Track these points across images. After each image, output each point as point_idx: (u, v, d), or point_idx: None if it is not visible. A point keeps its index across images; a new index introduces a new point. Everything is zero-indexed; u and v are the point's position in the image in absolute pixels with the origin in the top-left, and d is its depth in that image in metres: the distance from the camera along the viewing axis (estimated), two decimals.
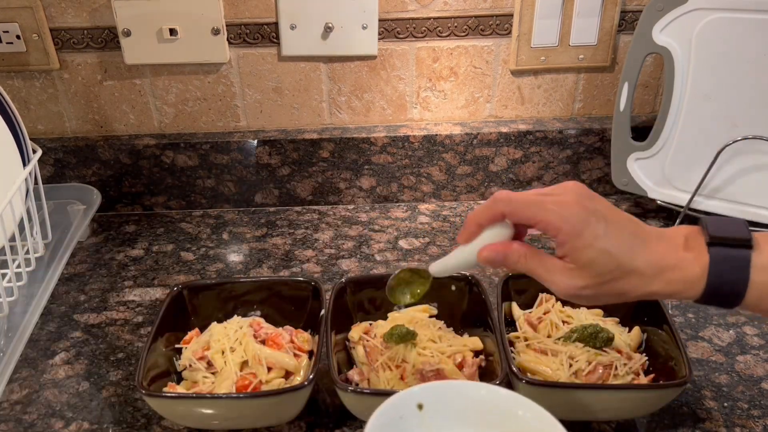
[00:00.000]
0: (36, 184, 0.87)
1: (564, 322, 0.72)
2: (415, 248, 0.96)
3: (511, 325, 0.75)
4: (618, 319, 0.75)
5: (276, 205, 1.07)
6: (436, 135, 1.02)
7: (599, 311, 0.75)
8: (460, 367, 0.67)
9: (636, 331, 0.72)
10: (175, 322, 0.73)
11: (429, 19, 0.97)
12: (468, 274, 0.76)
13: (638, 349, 0.71)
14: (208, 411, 0.63)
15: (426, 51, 1.00)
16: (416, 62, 1.00)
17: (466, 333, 0.74)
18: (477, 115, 1.06)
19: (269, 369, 0.67)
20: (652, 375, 0.67)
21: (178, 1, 0.93)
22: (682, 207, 0.96)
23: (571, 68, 1.03)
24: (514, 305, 0.76)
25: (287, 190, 1.06)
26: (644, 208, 1.04)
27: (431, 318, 0.75)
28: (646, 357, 0.69)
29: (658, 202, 0.98)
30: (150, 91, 1.01)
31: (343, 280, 0.75)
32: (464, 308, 0.76)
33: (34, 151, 0.87)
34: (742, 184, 0.92)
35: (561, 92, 1.05)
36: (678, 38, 0.90)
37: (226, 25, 0.96)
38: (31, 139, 0.87)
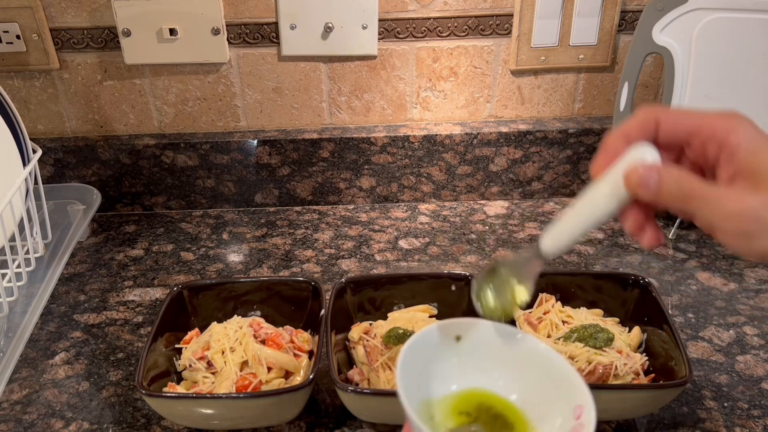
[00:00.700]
0: (36, 184, 0.87)
1: (564, 322, 0.72)
2: (415, 248, 0.96)
3: (511, 324, 0.75)
4: (618, 319, 0.75)
5: (276, 205, 1.07)
6: (436, 135, 1.02)
7: (599, 311, 0.75)
8: None
9: (636, 331, 0.72)
10: (175, 322, 0.73)
11: (429, 19, 0.97)
12: (468, 273, 0.76)
13: (638, 349, 0.71)
14: (208, 411, 0.63)
15: (426, 51, 1.00)
16: (416, 62, 1.00)
17: None
18: (477, 115, 1.06)
19: (269, 369, 0.67)
20: (652, 375, 0.67)
21: (178, 1, 0.93)
22: None
23: (571, 68, 1.03)
24: None
25: (287, 190, 1.06)
26: None
27: (431, 318, 0.74)
28: (646, 357, 0.69)
29: None
30: (150, 91, 1.01)
31: (343, 280, 0.75)
32: (464, 308, 0.75)
33: (34, 151, 0.87)
34: None
35: (561, 92, 1.05)
36: (678, 38, 0.90)
37: (226, 25, 0.96)
38: (31, 139, 0.87)
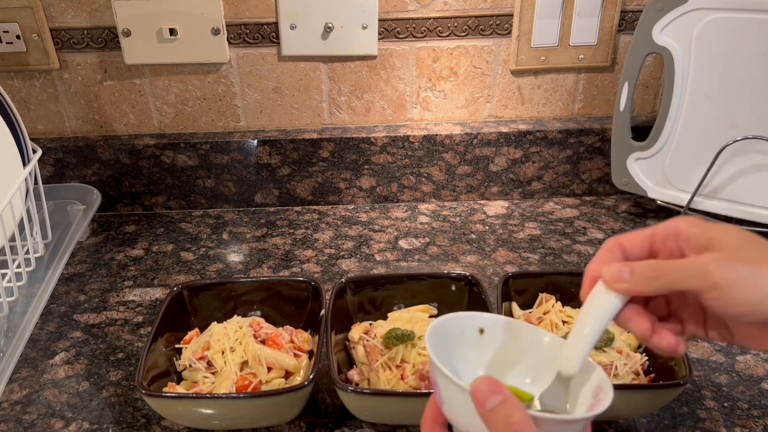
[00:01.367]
0: (36, 184, 0.87)
1: (564, 322, 0.72)
2: (415, 248, 0.96)
3: None
4: None
5: (276, 205, 1.07)
6: (436, 135, 1.02)
7: None
8: None
9: None
10: (175, 322, 0.73)
11: (429, 19, 0.97)
12: (468, 273, 0.76)
13: (638, 349, 0.71)
14: (208, 411, 0.63)
15: (426, 51, 1.00)
16: (416, 62, 1.00)
17: None
18: (477, 115, 1.06)
19: (269, 369, 0.67)
20: (652, 375, 0.67)
21: (178, 1, 0.93)
22: (682, 207, 0.96)
23: (571, 68, 1.03)
24: (514, 305, 0.76)
25: (287, 190, 1.06)
26: (644, 208, 1.04)
27: (431, 318, 0.74)
28: (646, 357, 0.69)
29: (658, 202, 0.98)
30: (150, 91, 1.01)
31: (343, 280, 0.75)
32: (464, 308, 0.75)
33: (34, 151, 0.87)
34: (742, 184, 0.92)
35: (561, 92, 1.05)
36: (678, 38, 0.90)
37: (226, 25, 0.96)
38: (31, 139, 0.87)
